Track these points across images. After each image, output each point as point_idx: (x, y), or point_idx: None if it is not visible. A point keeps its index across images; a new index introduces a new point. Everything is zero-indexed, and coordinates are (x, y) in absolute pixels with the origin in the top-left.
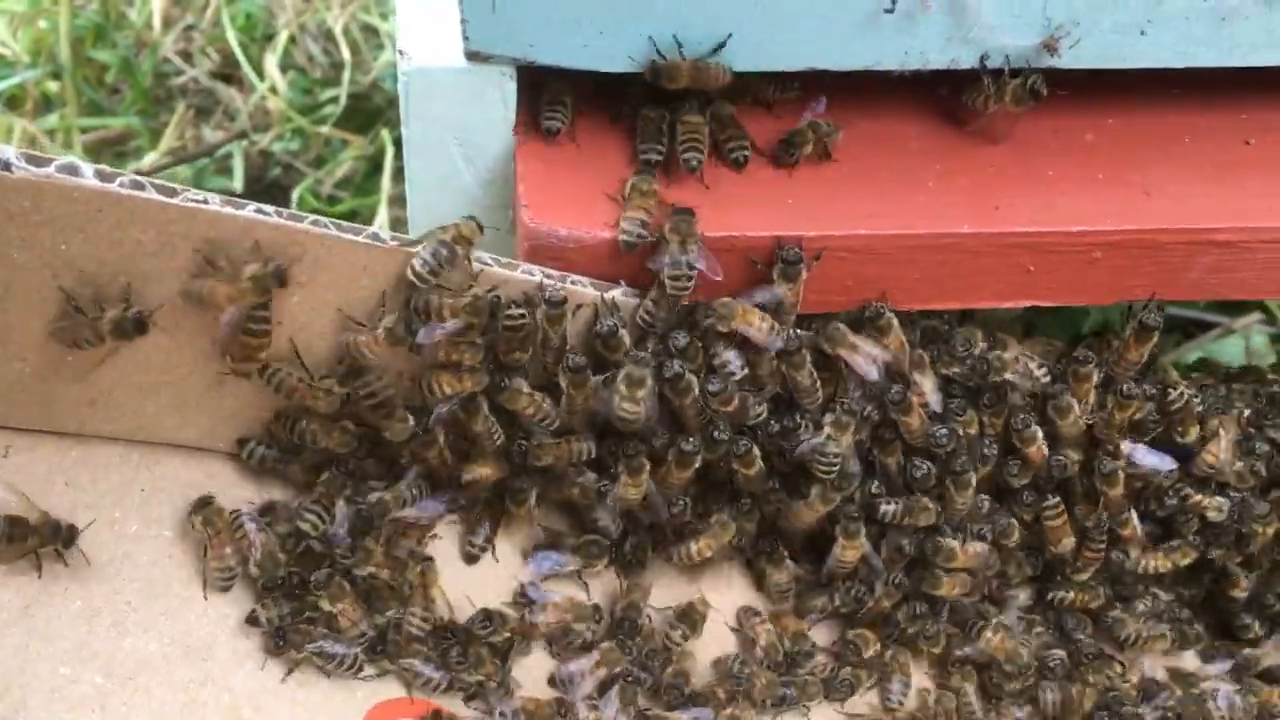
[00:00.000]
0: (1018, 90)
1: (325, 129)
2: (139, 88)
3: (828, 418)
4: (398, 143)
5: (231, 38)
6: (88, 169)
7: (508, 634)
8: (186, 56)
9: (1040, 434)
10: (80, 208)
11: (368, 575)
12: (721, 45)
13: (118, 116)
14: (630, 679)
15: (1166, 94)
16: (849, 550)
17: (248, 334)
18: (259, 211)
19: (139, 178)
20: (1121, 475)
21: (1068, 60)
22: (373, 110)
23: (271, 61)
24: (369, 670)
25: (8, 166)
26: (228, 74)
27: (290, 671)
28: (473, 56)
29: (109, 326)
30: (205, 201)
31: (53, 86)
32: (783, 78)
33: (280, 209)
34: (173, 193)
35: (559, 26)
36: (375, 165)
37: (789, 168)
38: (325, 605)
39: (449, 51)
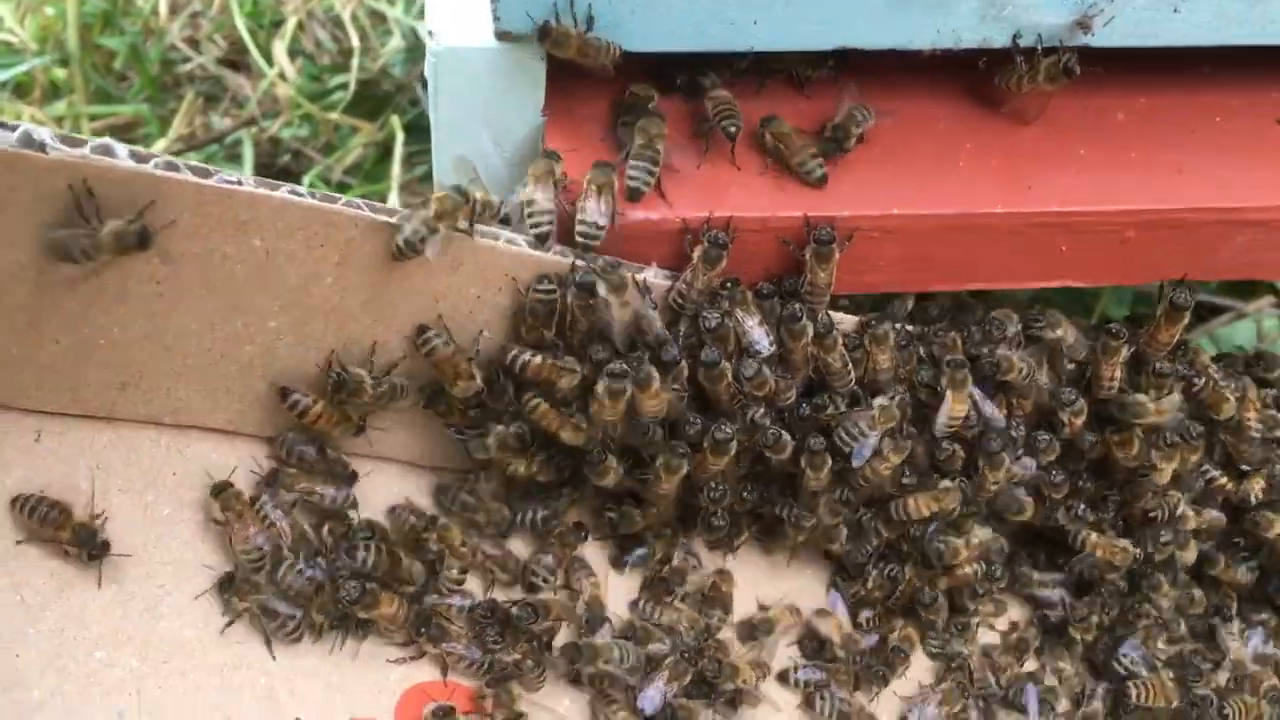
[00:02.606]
0: (1052, 68)
1: (334, 115)
2: (147, 75)
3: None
4: (407, 129)
5: (240, 24)
6: (122, 150)
7: (549, 624)
8: (194, 43)
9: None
10: (115, 189)
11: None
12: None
13: (126, 104)
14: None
15: (1198, 73)
16: (958, 404)
17: None
18: (292, 193)
19: (173, 159)
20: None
21: (1100, 38)
22: (382, 96)
23: (280, 48)
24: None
25: (43, 147)
26: (235, 61)
27: (230, 623)
28: (503, 36)
29: (109, 239)
30: (239, 183)
31: (60, 74)
32: (815, 56)
33: (313, 190)
34: (206, 174)
35: (592, 5)
36: (385, 151)
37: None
38: (361, 615)
39: (478, 32)
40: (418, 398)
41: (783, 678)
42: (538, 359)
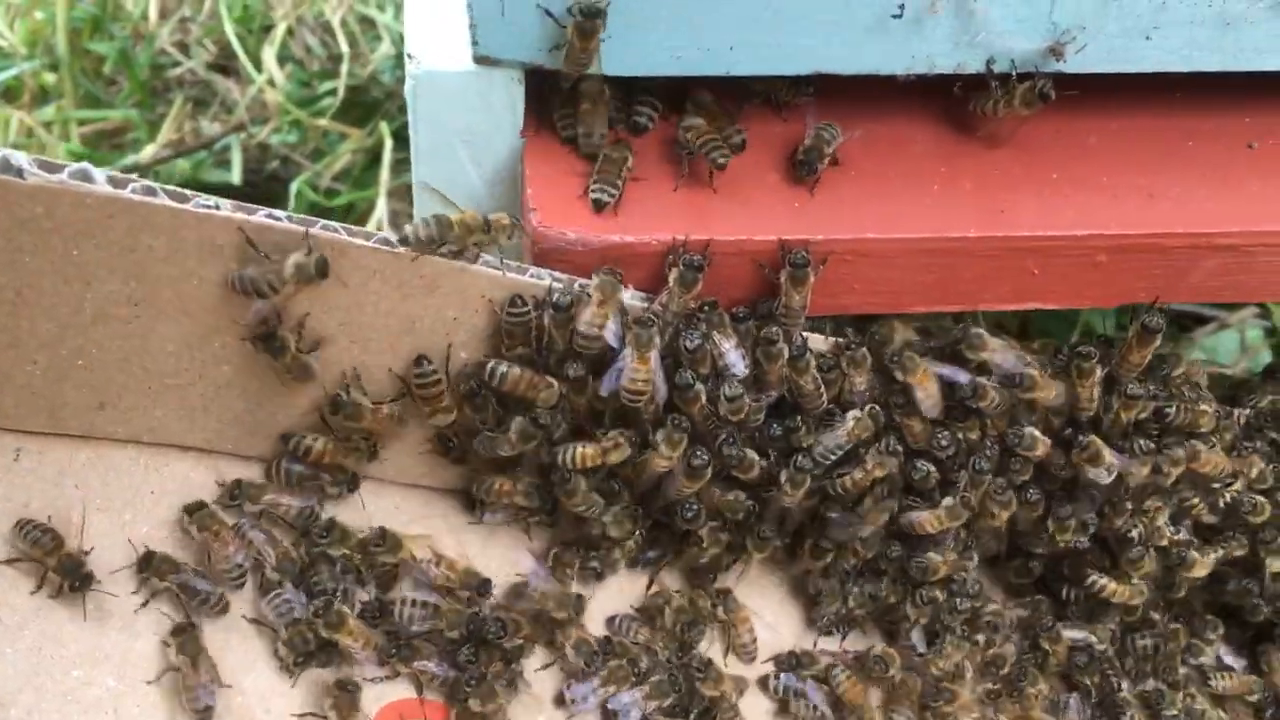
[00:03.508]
0: (1027, 94)
1: (323, 122)
2: (136, 80)
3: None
4: (396, 136)
5: (229, 29)
6: (100, 175)
7: (520, 641)
8: (183, 48)
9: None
10: (92, 214)
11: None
12: None
13: (115, 108)
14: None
15: (1170, 98)
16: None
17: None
18: (270, 216)
19: (151, 184)
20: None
21: (1073, 64)
22: (370, 103)
23: (269, 54)
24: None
25: (20, 173)
26: (224, 66)
27: (145, 603)
28: (482, 61)
29: (293, 271)
30: (216, 207)
31: (50, 78)
32: (795, 81)
33: (291, 214)
34: (184, 198)
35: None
36: (373, 158)
37: (810, 185)
38: (324, 634)
39: (457, 55)
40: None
41: (763, 683)
42: (515, 371)
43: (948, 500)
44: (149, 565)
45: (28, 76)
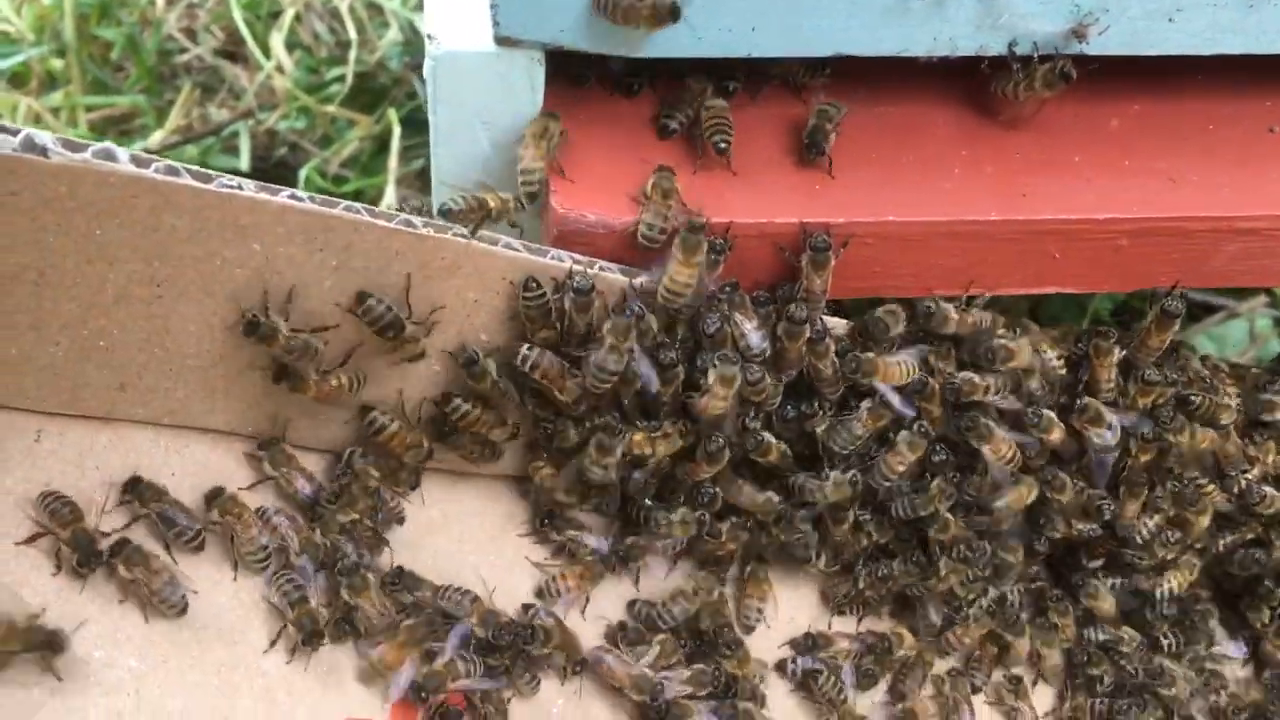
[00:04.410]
0: (1048, 75)
1: (331, 108)
2: (144, 66)
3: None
4: (404, 122)
5: (237, 16)
6: (123, 154)
7: (549, 650)
8: (191, 35)
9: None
10: (115, 193)
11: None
12: None
13: (123, 94)
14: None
15: (1191, 81)
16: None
17: None
18: (292, 197)
19: (174, 164)
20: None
21: (1095, 47)
22: (379, 89)
23: (277, 40)
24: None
25: (44, 152)
26: (232, 52)
27: (127, 526)
28: (503, 41)
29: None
30: (239, 187)
31: (57, 64)
32: (813, 63)
33: (313, 194)
34: (207, 178)
35: (590, 12)
36: (381, 145)
37: (821, 166)
38: (347, 597)
39: (478, 35)
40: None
41: (780, 667)
42: (546, 359)
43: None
44: (135, 489)
45: (35, 62)
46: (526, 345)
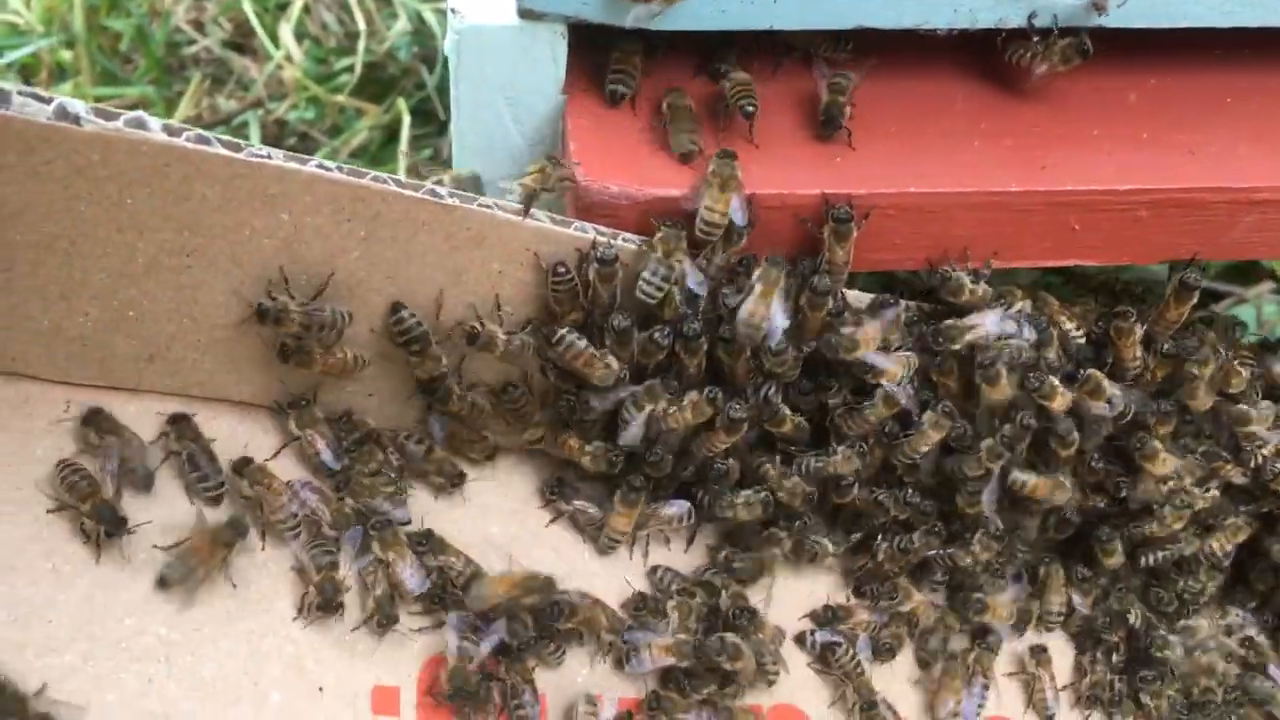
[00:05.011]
0: (1066, 50)
1: (340, 98)
2: (153, 57)
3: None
4: (413, 112)
5: (246, 6)
6: (155, 123)
7: (572, 625)
8: (199, 26)
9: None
10: (147, 161)
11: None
12: None
13: (132, 86)
14: None
15: (1209, 54)
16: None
17: None
18: (320, 167)
19: (205, 133)
20: None
21: (1115, 19)
22: (388, 79)
23: (286, 30)
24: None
25: (77, 120)
26: (241, 43)
27: (166, 458)
28: (526, 14)
29: None
30: (269, 157)
31: (66, 55)
32: (835, 36)
33: (341, 165)
34: (237, 147)
35: None
36: (391, 134)
37: (841, 139)
38: (377, 551)
39: (501, 9)
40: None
41: (799, 640)
42: (581, 343)
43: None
44: (176, 423)
45: (45, 54)
46: (565, 329)
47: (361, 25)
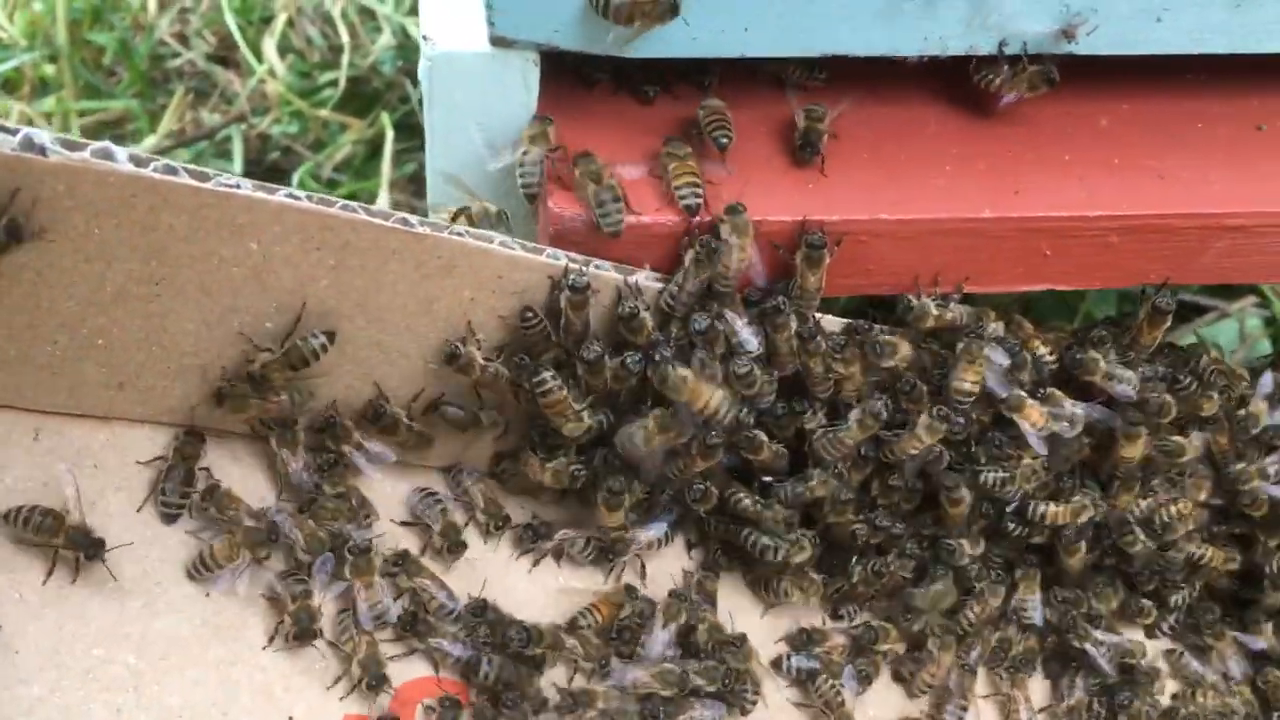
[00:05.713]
0: (1034, 77)
1: (324, 112)
2: (136, 70)
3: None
4: (397, 126)
5: (229, 20)
6: (121, 153)
7: (541, 650)
8: (183, 39)
9: None
10: (114, 192)
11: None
12: None
13: (115, 99)
14: None
15: (1179, 79)
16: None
17: None
18: (290, 196)
19: (172, 163)
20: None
21: (1084, 46)
22: (371, 94)
23: (270, 44)
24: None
25: (43, 151)
26: (225, 57)
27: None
28: (498, 42)
29: None
30: (237, 186)
31: (49, 69)
32: (809, 63)
33: (311, 194)
34: (205, 177)
35: (584, 12)
36: (374, 149)
37: (815, 166)
38: (349, 575)
39: (473, 36)
40: None
41: (776, 664)
42: (560, 391)
43: None
44: (184, 437)
45: (27, 67)
46: (547, 372)
47: (345, 39)
